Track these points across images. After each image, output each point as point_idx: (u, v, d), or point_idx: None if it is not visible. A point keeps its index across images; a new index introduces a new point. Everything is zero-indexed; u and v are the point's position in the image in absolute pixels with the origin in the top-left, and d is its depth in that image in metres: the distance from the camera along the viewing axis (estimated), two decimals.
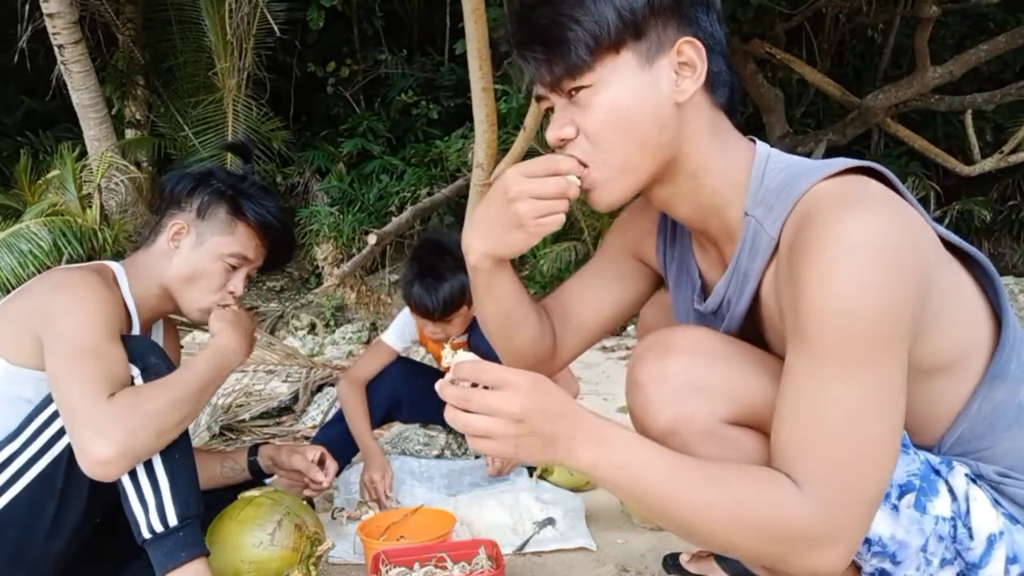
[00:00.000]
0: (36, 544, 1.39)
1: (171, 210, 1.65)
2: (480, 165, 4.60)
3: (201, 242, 1.62)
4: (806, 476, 0.90)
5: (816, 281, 0.90)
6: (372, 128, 7.16)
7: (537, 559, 1.88)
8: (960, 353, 1.02)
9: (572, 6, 0.99)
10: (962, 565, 1.03)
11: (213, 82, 6.07)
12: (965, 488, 1.02)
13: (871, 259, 0.88)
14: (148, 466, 1.38)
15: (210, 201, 1.63)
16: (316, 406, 3.32)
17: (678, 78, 1.01)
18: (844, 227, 0.90)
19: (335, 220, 6.55)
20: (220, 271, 1.63)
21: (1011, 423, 1.04)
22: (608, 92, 1.00)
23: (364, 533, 1.83)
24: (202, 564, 1.39)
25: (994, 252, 7.14)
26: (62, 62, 5.17)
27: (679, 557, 1.73)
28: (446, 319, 2.30)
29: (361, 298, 5.19)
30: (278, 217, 1.69)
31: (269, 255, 1.72)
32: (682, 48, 1.00)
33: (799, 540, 0.89)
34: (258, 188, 1.69)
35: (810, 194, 0.98)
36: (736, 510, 0.91)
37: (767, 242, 1.02)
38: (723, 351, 1.07)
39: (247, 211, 1.64)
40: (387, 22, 7.63)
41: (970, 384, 1.03)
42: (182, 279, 1.62)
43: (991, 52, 5.77)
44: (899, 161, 6.86)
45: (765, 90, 6.55)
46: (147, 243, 1.66)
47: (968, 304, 1.03)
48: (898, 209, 0.94)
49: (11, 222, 5.29)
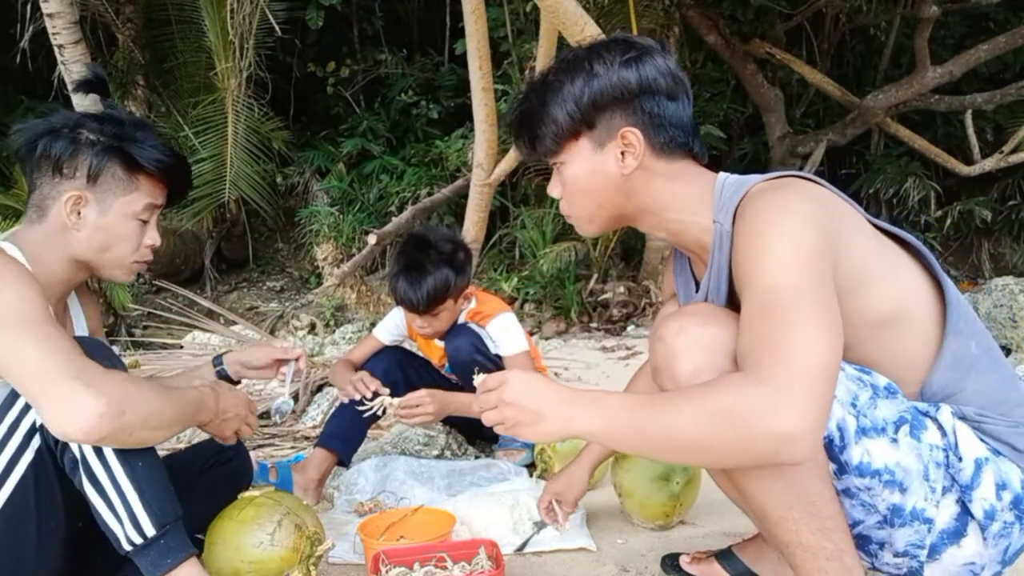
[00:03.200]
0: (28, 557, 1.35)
1: (49, 178, 1.49)
2: (480, 165, 4.60)
3: (105, 208, 1.50)
4: (747, 365, 1.12)
5: (751, 237, 1.20)
6: (372, 128, 7.16)
7: (537, 559, 1.88)
8: (900, 309, 1.25)
9: (540, 109, 1.34)
10: (959, 491, 1.21)
11: (213, 82, 6.07)
12: (952, 423, 1.22)
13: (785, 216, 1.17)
14: (112, 479, 1.32)
15: (100, 163, 1.48)
16: (316, 406, 3.32)
17: (624, 157, 1.32)
18: (769, 200, 1.21)
19: (335, 220, 6.55)
20: (134, 230, 1.54)
21: (969, 369, 1.26)
22: (571, 168, 1.36)
23: (364, 533, 1.83)
24: (192, 566, 1.37)
25: (994, 252, 7.14)
26: (62, 62, 5.16)
27: (679, 559, 1.73)
28: (431, 312, 2.33)
29: (361, 298, 5.19)
30: (172, 152, 1.57)
31: (171, 191, 1.61)
32: (625, 135, 1.31)
33: (750, 413, 1.06)
34: (137, 127, 1.54)
35: (750, 191, 1.28)
36: (700, 405, 1.10)
37: (725, 234, 1.29)
38: (726, 315, 1.28)
39: (143, 161, 1.51)
40: (387, 22, 7.62)
41: (931, 338, 1.26)
42: (95, 250, 1.51)
43: (991, 52, 5.77)
44: (899, 161, 6.85)
45: (765, 90, 6.55)
46: (36, 217, 1.50)
47: (899, 270, 1.27)
48: (812, 189, 1.25)
49: (11, 222, 5.29)
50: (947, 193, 6.90)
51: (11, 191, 5.95)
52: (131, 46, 6.35)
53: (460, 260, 2.36)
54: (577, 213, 1.41)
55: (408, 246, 2.40)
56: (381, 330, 2.63)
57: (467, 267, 2.39)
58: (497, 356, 2.44)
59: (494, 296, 2.69)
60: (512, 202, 6.64)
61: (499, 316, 2.48)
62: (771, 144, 6.81)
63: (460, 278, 2.34)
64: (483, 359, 2.40)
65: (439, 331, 2.45)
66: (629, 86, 1.29)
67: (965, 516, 1.22)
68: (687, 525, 2.05)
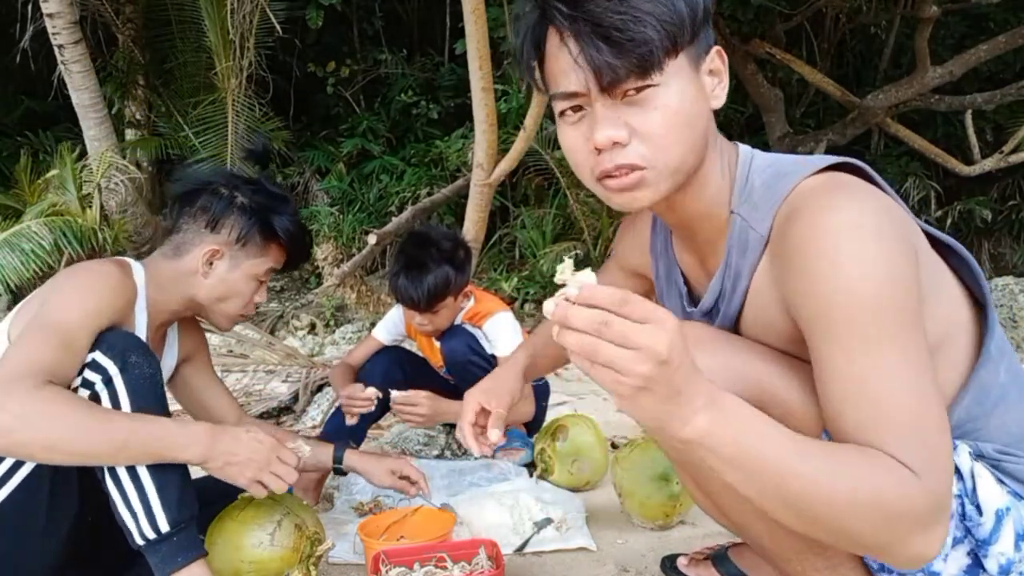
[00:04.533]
0: (31, 547, 1.38)
1: (198, 228, 1.66)
2: (480, 165, 4.60)
3: (236, 265, 1.68)
4: (902, 455, 0.88)
5: (824, 269, 0.94)
6: (372, 128, 7.16)
7: (537, 559, 1.88)
8: (943, 334, 1.05)
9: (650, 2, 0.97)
10: (972, 543, 1.05)
11: (213, 82, 6.07)
12: (970, 465, 1.04)
13: (866, 237, 0.93)
14: (133, 473, 1.35)
15: (247, 227, 1.67)
16: (316, 406, 3.32)
17: (712, 84, 1.04)
18: (834, 214, 0.95)
19: (335, 220, 6.55)
20: (252, 289, 1.72)
21: (997, 402, 1.07)
22: (672, 92, 0.99)
23: (364, 533, 1.83)
24: (200, 567, 1.39)
25: (994, 252, 7.15)
26: (62, 62, 5.16)
27: (677, 560, 1.73)
28: (431, 310, 2.33)
29: (361, 298, 5.19)
30: (302, 226, 1.77)
31: (289, 259, 1.79)
32: (714, 55, 1.04)
33: (910, 519, 0.87)
34: (280, 200, 1.74)
35: (796, 191, 1.03)
36: (856, 483, 0.86)
37: (756, 239, 1.06)
38: (725, 342, 1.09)
39: (279, 231, 1.70)
40: (387, 22, 7.62)
41: (962, 366, 1.07)
42: (215, 299, 1.68)
43: (991, 52, 5.77)
44: (899, 161, 6.86)
45: (765, 90, 6.55)
46: (172, 254, 1.66)
47: (946, 288, 1.08)
48: (877, 194, 1.00)
49: (11, 222, 5.29)
50: (947, 193, 6.91)
51: (11, 191, 5.95)
52: (131, 46, 6.35)
53: (460, 258, 2.36)
54: (666, 159, 1.01)
55: (409, 244, 2.41)
56: (380, 330, 2.65)
57: (467, 265, 2.40)
58: (493, 356, 2.45)
59: (493, 295, 2.70)
60: (512, 202, 6.64)
61: (495, 315, 2.48)
62: (771, 144, 6.80)
63: (460, 276, 2.35)
64: (479, 359, 2.41)
65: (439, 329, 2.46)
66: None
67: (976, 570, 1.07)
68: (687, 525, 2.04)
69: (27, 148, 6.34)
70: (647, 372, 0.78)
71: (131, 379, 1.38)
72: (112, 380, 1.37)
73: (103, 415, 1.33)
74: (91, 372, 1.37)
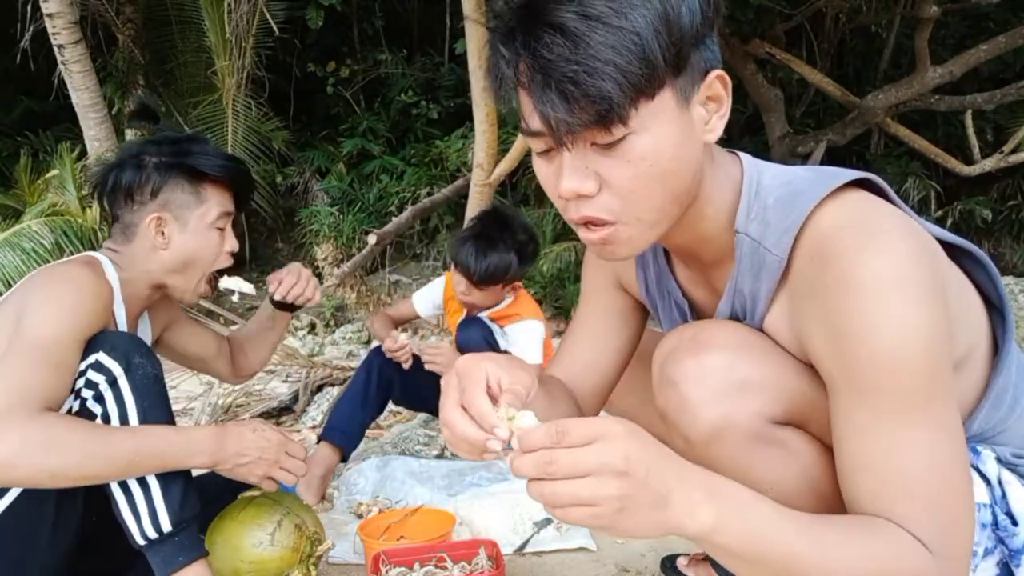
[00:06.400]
0: (40, 550, 1.37)
1: (127, 207, 1.59)
2: (480, 165, 4.60)
3: (185, 223, 1.59)
4: (919, 532, 0.85)
5: (861, 330, 0.86)
6: (372, 128, 7.15)
7: (537, 559, 1.88)
8: (968, 346, 1.00)
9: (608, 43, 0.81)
10: (1004, 553, 1.00)
11: (213, 82, 6.07)
12: (997, 472, 1.00)
13: (908, 299, 0.85)
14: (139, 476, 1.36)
15: (164, 181, 1.58)
16: (316, 406, 3.32)
17: (707, 115, 0.91)
18: (871, 264, 0.86)
19: (335, 220, 6.54)
20: (215, 240, 1.63)
21: (1012, 404, 1.03)
22: (646, 141, 0.86)
23: (364, 533, 1.83)
24: (201, 566, 1.39)
25: (994, 252, 7.14)
26: (62, 62, 5.16)
27: (676, 560, 1.73)
28: (481, 286, 2.39)
29: (361, 298, 5.19)
30: (229, 156, 1.67)
31: (237, 196, 1.69)
32: (713, 81, 0.89)
33: None
34: (189, 141, 1.64)
35: (820, 221, 0.93)
36: (871, 565, 0.82)
37: (773, 262, 0.96)
38: (760, 346, 0.99)
39: (204, 169, 1.60)
40: (387, 22, 7.62)
41: (981, 376, 1.02)
42: (181, 264, 1.60)
43: (991, 52, 5.76)
44: (899, 161, 6.86)
45: (765, 90, 6.54)
46: (124, 240, 1.60)
47: (967, 299, 1.02)
48: (910, 232, 0.90)
49: (11, 222, 5.29)
50: (947, 193, 6.91)
51: (11, 191, 5.95)
52: (131, 46, 6.35)
53: (528, 253, 2.44)
54: (640, 214, 0.90)
55: (489, 218, 2.49)
56: (419, 298, 2.77)
57: (530, 261, 2.49)
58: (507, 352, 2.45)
59: (533, 303, 2.71)
60: (512, 202, 6.64)
61: (527, 320, 2.53)
62: (771, 144, 6.80)
63: (520, 268, 2.42)
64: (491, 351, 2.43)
65: (475, 305, 2.52)
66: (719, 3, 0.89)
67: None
68: None
69: (27, 148, 6.34)
70: (615, 492, 0.72)
71: (135, 380, 1.39)
72: (116, 381, 1.38)
73: (105, 436, 1.32)
74: (95, 373, 1.37)
